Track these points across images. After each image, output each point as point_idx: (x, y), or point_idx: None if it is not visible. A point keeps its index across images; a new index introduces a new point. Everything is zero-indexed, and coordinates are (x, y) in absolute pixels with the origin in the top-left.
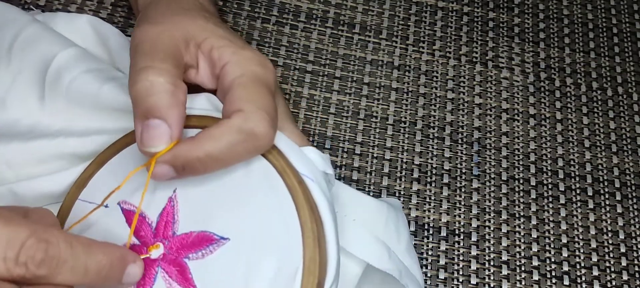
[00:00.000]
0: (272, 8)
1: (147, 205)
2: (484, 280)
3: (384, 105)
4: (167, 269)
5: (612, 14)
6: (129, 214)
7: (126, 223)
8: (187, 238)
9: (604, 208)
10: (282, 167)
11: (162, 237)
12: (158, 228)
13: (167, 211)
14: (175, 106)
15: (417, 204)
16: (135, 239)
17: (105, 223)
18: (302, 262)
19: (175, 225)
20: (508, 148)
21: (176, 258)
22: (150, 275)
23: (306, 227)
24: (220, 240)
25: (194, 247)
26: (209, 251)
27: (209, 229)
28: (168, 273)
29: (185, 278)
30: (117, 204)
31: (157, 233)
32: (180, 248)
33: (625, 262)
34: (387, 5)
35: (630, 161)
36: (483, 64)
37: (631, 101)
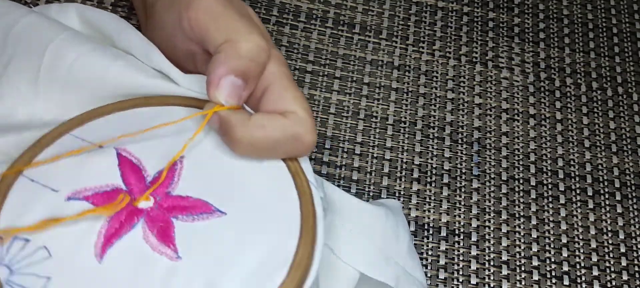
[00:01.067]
0: (272, 8)
1: (149, 161)
2: (484, 280)
3: (384, 105)
4: (150, 222)
5: (612, 14)
6: (123, 160)
7: (118, 168)
8: (181, 201)
9: (604, 208)
10: (296, 169)
11: (155, 193)
12: (153, 183)
13: (169, 173)
14: (259, 77)
15: (417, 204)
16: (122, 184)
17: (96, 163)
18: (294, 255)
19: (172, 186)
20: (508, 148)
21: (163, 215)
22: (130, 221)
23: (306, 224)
24: (216, 211)
25: (186, 210)
26: (201, 218)
27: (208, 200)
28: (149, 226)
29: (167, 236)
30: (114, 148)
31: (151, 187)
32: (171, 207)
33: (625, 262)
34: (387, 5)
35: (630, 161)
36: (483, 64)
37: (631, 101)
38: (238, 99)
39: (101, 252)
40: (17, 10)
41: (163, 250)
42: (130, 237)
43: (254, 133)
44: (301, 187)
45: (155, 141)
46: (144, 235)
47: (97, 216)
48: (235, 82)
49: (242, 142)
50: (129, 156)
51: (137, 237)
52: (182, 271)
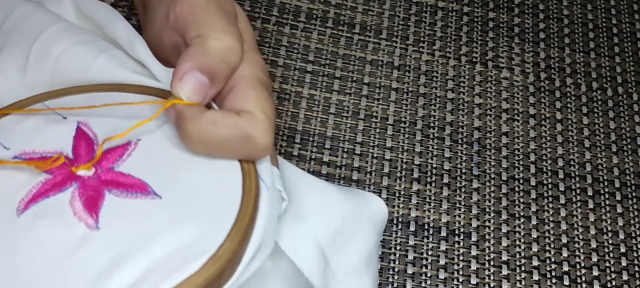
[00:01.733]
0: (272, 8)
1: (104, 135)
2: (484, 280)
3: (384, 105)
4: (82, 188)
5: (612, 14)
6: (80, 133)
7: (72, 138)
8: (121, 177)
9: (604, 208)
10: (249, 170)
11: (99, 165)
12: (101, 157)
13: (119, 149)
14: (226, 80)
15: (417, 204)
16: (70, 154)
17: (54, 130)
18: (216, 249)
19: (118, 162)
20: (508, 149)
21: (98, 186)
22: (62, 185)
23: (240, 222)
24: (152, 194)
25: (122, 187)
26: (133, 196)
27: (148, 182)
28: (80, 193)
29: (94, 205)
30: (76, 121)
31: (99, 161)
32: (109, 181)
33: (625, 262)
34: (387, 5)
35: (630, 161)
36: (483, 64)
37: (631, 101)
38: (202, 96)
39: (23, 208)
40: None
41: (84, 217)
42: (57, 198)
43: (203, 128)
44: (248, 188)
45: (115, 121)
46: (71, 199)
47: (36, 176)
48: (200, 79)
49: (191, 136)
50: (86, 130)
51: (64, 199)
52: (94, 241)
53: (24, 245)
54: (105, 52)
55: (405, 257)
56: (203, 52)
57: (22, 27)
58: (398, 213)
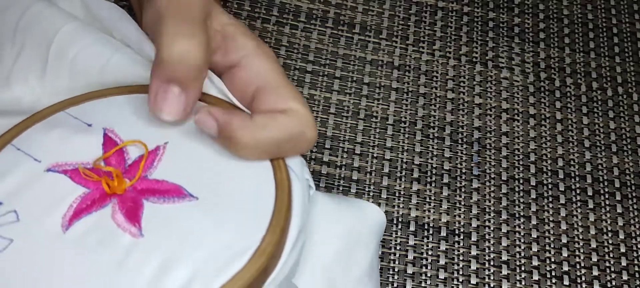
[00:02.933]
0: (272, 8)
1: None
2: (484, 280)
3: (384, 105)
4: (121, 202)
5: (612, 14)
6: (108, 141)
7: (102, 148)
8: (156, 184)
9: (604, 208)
10: (277, 160)
11: (133, 175)
12: (133, 166)
13: (150, 155)
14: (199, 80)
15: (417, 204)
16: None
17: (82, 141)
18: (259, 243)
19: (150, 170)
20: (508, 148)
21: (136, 196)
22: (102, 200)
23: (278, 215)
24: (188, 196)
25: (158, 193)
26: (171, 201)
27: (183, 185)
28: (120, 205)
29: (134, 215)
30: (102, 128)
31: (130, 170)
32: (145, 190)
33: (625, 262)
34: (387, 5)
35: (630, 161)
36: (483, 64)
37: (631, 101)
38: (182, 110)
39: (68, 223)
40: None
41: (128, 227)
42: (100, 214)
43: (257, 135)
44: (280, 179)
45: (140, 125)
46: (112, 213)
47: (73, 190)
48: (171, 91)
49: (247, 145)
50: (114, 137)
51: (106, 214)
52: (141, 248)
53: (74, 260)
54: (119, 51)
55: (405, 256)
56: (158, 65)
57: (37, 28)
58: (398, 213)
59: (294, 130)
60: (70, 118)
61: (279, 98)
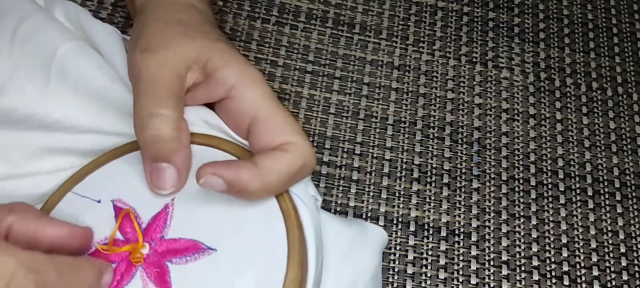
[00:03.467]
0: (272, 8)
1: (142, 207)
2: (483, 280)
3: (384, 105)
4: (147, 269)
5: (612, 14)
6: (119, 212)
7: (114, 219)
8: (174, 244)
9: (603, 209)
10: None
11: (150, 238)
12: (148, 229)
13: (161, 215)
14: (181, 149)
15: (417, 204)
16: (120, 235)
17: (94, 218)
18: (283, 282)
19: (165, 229)
20: (508, 149)
21: (159, 260)
22: (129, 272)
23: (293, 250)
24: (207, 249)
25: (179, 253)
26: (193, 258)
27: (198, 239)
28: (147, 273)
29: (164, 281)
30: (111, 201)
31: (146, 234)
32: (165, 252)
33: (625, 262)
34: (387, 5)
35: (630, 161)
36: (483, 64)
37: (631, 101)
38: (177, 180)
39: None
40: (26, 5)
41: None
42: (131, 286)
43: (265, 179)
44: (286, 209)
45: (145, 187)
46: (143, 284)
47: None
48: (160, 168)
49: (257, 192)
50: (123, 206)
51: (138, 285)
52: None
53: None
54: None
55: (405, 257)
56: (141, 147)
57: (36, 40)
58: (398, 213)
59: (297, 165)
60: (78, 197)
61: (277, 131)
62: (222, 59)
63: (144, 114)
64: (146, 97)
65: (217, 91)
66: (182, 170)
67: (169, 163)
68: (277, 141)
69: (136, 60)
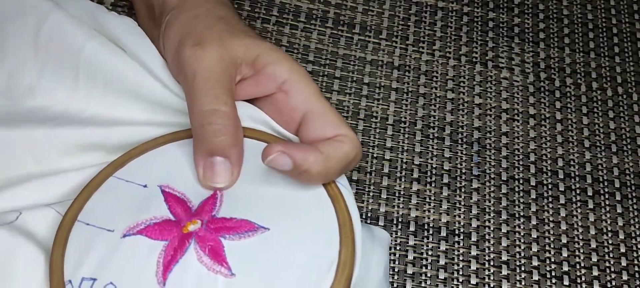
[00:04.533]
0: (272, 8)
1: (190, 194)
2: (483, 280)
3: (384, 105)
4: (201, 242)
5: (612, 14)
6: (168, 195)
7: (165, 202)
8: (226, 222)
9: (603, 209)
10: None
11: (201, 217)
12: (198, 211)
13: (210, 200)
14: (238, 145)
15: (417, 204)
16: (170, 215)
17: (142, 200)
18: (338, 258)
19: (216, 210)
20: (508, 149)
21: (212, 235)
22: (182, 246)
23: (345, 228)
24: (260, 228)
25: (232, 230)
26: (246, 235)
27: (250, 218)
28: (201, 247)
29: (218, 254)
30: (158, 186)
31: (197, 214)
32: (219, 228)
33: (625, 262)
34: (387, 5)
35: (630, 161)
36: (483, 64)
37: (631, 101)
38: (230, 176)
39: (163, 279)
40: (43, 3)
41: (217, 269)
42: (186, 260)
43: (327, 165)
44: (333, 194)
45: (191, 175)
46: (197, 256)
47: (154, 247)
48: (216, 163)
49: (318, 175)
50: (172, 191)
51: (192, 259)
52: (237, 286)
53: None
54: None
55: (405, 257)
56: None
57: (60, 42)
58: (398, 213)
59: (351, 154)
60: (122, 182)
61: (331, 124)
62: (272, 56)
63: (205, 110)
64: (205, 93)
65: (268, 86)
66: (235, 166)
67: (224, 158)
68: (331, 133)
69: (188, 57)
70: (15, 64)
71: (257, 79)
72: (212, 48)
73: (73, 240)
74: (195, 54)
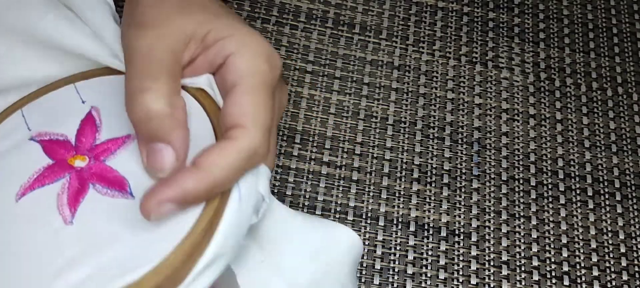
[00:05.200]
0: (272, 8)
1: (110, 123)
2: (484, 281)
3: (384, 105)
4: (72, 180)
5: (612, 14)
6: (89, 118)
7: (79, 122)
8: (107, 172)
9: (604, 209)
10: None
11: (92, 155)
12: (98, 146)
13: (120, 140)
14: (177, 127)
15: (417, 204)
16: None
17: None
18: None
19: (110, 156)
20: (508, 149)
21: (85, 179)
22: (56, 174)
23: (191, 237)
24: (128, 194)
25: (105, 182)
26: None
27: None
28: (70, 184)
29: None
30: (90, 106)
31: (95, 149)
32: (95, 174)
33: (625, 262)
34: (387, 5)
35: (630, 161)
36: (483, 64)
37: (631, 101)
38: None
39: (22, 193)
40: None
41: (63, 211)
42: (50, 188)
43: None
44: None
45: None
46: (60, 191)
47: (40, 160)
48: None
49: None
50: (95, 116)
51: (54, 190)
52: (65, 235)
53: (15, 230)
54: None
55: (405, 257)
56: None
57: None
58: (398, 213)
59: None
60: (74, 92)
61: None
62: (223, 32)
63: (134, 91)
64: (137, 73)
65: (216, 60)
66: (180, 150)
67: (165, 144)
68: (232, 122)
69: (129, 37)
70: None
71: (207, 54)
72: (153, 29)
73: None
74: (134, 34)
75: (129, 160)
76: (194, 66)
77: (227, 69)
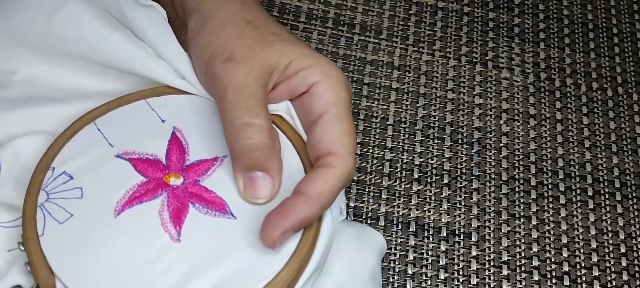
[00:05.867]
0: (272, 8)
1: (196, 148)
2: (484, 281)
3: (384, 105)
4: (171, 198)
5: (612, 14)
6: (174, 139)
7: (167, 143)
8: (204, 192)
9: (604, 209)
10: None
11: (187, 176)
12: (189, 168)
13: (207, 163)
14: (275, 157)
15: (417, 204)
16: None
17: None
18: (272, 277)
19: (203, 177)
20: (508, 149)
21: (184, 197)
22: (154, 192)
23: (298, 254)
24: (228, 213)
25: (204, 202)
26: (213, 214)
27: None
28: (169, 202)
29: (178, 217)
30: (172, 126)
31: (186, 171)
32: (194, 194)
33: (626, 262)
34: (387, 6)
35: (630, 161)
36: (483, 64)
37: (631, 101)
38: (270, 189)
39: (120, 209)
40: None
41: (169, 228)
42: (149, 205)
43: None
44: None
45: (209, 133)
46: (160, 208)
47: (133, 178)
48: (255, 178)
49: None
50: (180, 137)
51: (154, 208)
52: (173, 252)
53: (117, 245)
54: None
55: (406, 257)
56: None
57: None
58: (398, 213)
59: (342, 181)
60: (149, 108)
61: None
62: (304, 63)
63: (237, 124)
64: (237, 107)
65: (299, 89)
66: (276, 178)
67: (263, 173)
68: (325, 150)
69: (219, 72)
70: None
71: (289, 83)
72: (244, 62)
73: (79, 137)
74: (226, 69)
75: (221, 182)
76: (275, 94)
77: (311, 98)
